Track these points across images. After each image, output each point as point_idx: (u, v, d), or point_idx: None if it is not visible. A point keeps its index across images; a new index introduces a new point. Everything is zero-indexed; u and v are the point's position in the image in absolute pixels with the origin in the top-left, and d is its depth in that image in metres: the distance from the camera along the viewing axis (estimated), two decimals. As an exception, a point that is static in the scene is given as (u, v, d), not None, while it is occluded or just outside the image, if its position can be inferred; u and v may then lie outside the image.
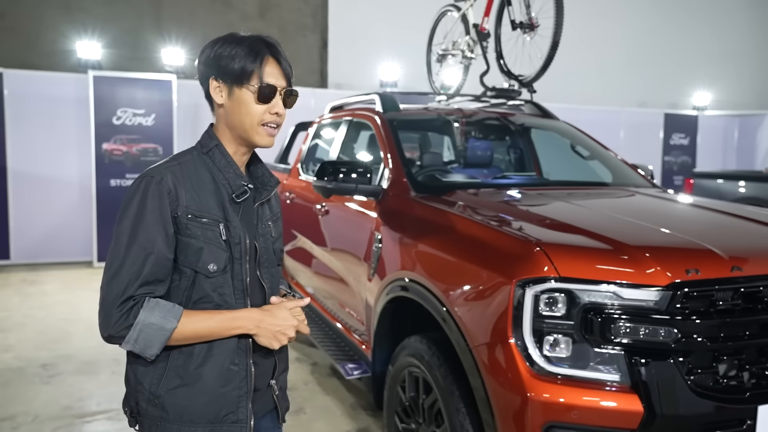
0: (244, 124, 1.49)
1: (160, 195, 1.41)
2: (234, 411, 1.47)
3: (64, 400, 3.73)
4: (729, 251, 1.95)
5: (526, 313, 1.88)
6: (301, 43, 11.00)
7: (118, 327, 1.35)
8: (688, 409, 1.78)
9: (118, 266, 1.38)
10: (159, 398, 1.42)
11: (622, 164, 3.64)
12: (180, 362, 1.43)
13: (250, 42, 1.48)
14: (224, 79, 1.47)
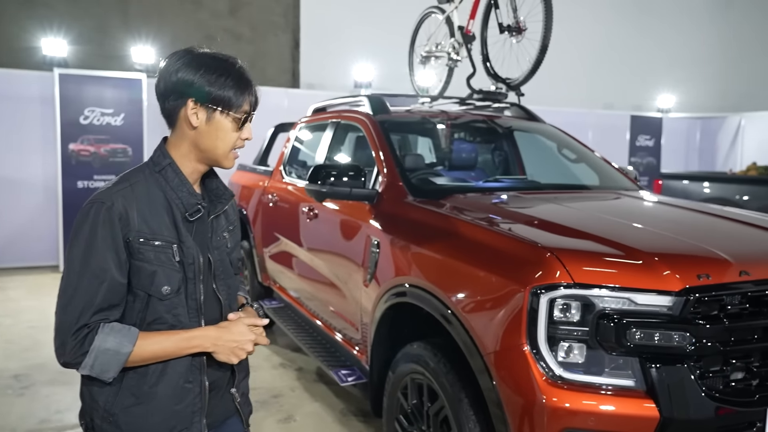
0: (218, 149, 1.50)
1: (111, 221, 1.40)
2: (188, 427, 1.50)
3: (41, 413, 3.58)
4: (736, 256, 1.98)
5: (540, 320, 1.88)
6: (273, 42, 10.87)
7: (74, 354, 1.37)
8: (703, 413, 1.79)
9: (71, 294, 1.38)
10: (114, 416, 1.44)
11: (610, 167, 3.68)
12: (134, 381, 1.45)
13: (236, 73, 1.48)
14: (207, 105, 1.46)
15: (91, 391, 1.47)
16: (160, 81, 1.49)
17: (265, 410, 3.66)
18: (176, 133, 1.51)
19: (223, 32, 10.43)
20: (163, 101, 1.50)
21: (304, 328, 4.01)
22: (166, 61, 1.50)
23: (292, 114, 8.86)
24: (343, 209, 3.27)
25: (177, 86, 1.45)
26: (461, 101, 4.14)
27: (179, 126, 1.50)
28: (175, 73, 1.45)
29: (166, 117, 1.52)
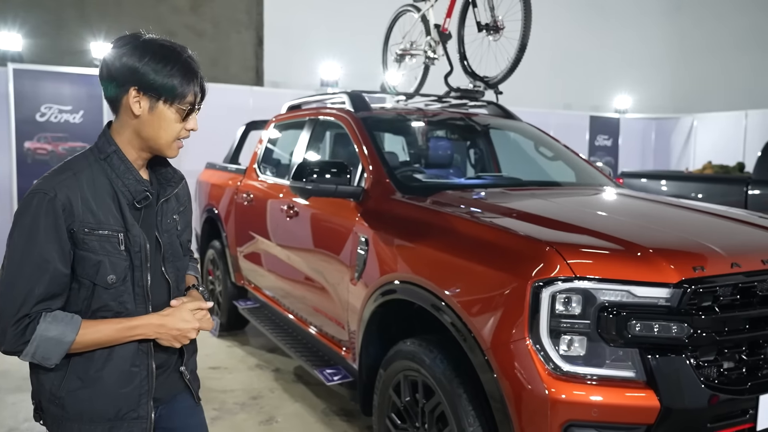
0: (160, 139, 1.49)
1: (54, 212, 1.39)
2: (135, 408, 1.52)
3: (8, 421, 3.42)
4: (727, 249, 2.04)
5: (542, 313, 1.89)
6: (236, 39, 10.70)
7: (15, 343, 1.38)
8: (701, 402, 1.84)
9: (12, 283, 1.38)
10: (59, 399, 1.47)
11: (586, 164, 3.76)
12: (80, 366, 1.47)
13: (183, 63, 1.46)
14: (150, 94, 1.44)
15: (37, 375, 1.49)
16: (104, 66, 1.46)
17: (245, 412, 3.60)
18: (119, 120, 1.49)
19: (185, 28, 10.21)
20: (106, 87, 1.47)
21: (282, 328, 3.96)
22: (112, 45, 1.47)
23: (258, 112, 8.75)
24: (326, 207, 3.23)
25: (121, 72, 1.43)
26: (438, 99, 4.16)
27: (122, 113, 1.48)
28: (119, 58, 1.43)
29: (110, 103, 1.50)
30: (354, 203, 3.01)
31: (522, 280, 1.93)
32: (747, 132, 11.34)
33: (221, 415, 3.56)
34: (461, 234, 2.31)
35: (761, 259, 2.06)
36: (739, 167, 8.53)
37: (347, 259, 2.93)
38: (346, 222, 2.99)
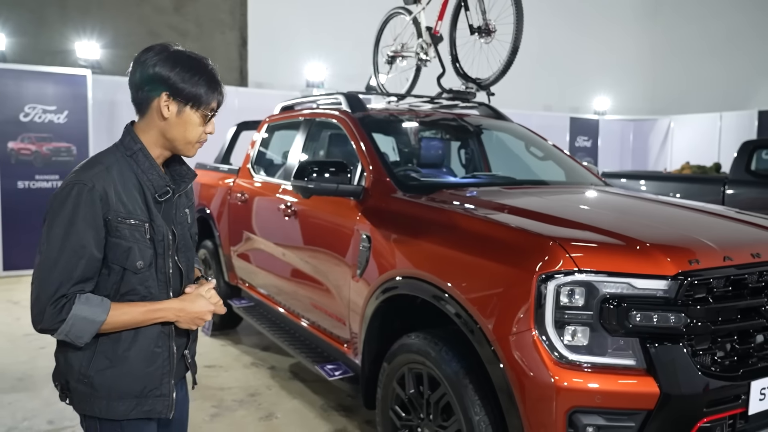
0: (185, 139, 1.63)
1: (93, 201, 1.51)
2: (158, 386, 1.64)
3: (6, 421, 3.42)
4: (720, 244, 2.15)
5: (548, 305, 1.98)
6: (219, 40, 10.68)
7: (51, 322, 1.48)
8: (697, 388, 1.94)
9: (51, 268, 1.49)
10: (89, 378, 1.57)
11: (576, 164, 3.87)
12: (108, 346, 1.57)
13: (209, 73, 1.61)
14: (179, 99, 1.58)
15: (66, 356, 1.58)
16: (136, 71, 1.59)
17: (244, 409, 3.64)
18: (146, 120, 1.63)
19: (168, 28, 10.17)
20: (136, 91, 1.60)
21: (279, 325, 4.00)
22: (142, 54, 1.60)
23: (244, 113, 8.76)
24: (326, 206, 3.29)
25: (153, 78, 1.56)
26: (430, 100, 4.24)
27: (150, 114, 1.61)
28: (152, 66, 1.56)
29: (137, 105, 1.63)
30: (354, 202, 3.07)
31: (528, 273, 2.02)
32: (722, 133, 11.65)
33: (221, 412, 3.60)
34: (466, 230, 2.39)
35: (751, 253, 2.18)
36: (715, 168, 8.78)
37: (349, 257, 3.00)
38: (347, 220, 3.05)
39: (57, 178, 7.49)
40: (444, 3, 4.32)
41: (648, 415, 1.93)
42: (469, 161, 4.13)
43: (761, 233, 2.41)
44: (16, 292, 6.48)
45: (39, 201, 7.37)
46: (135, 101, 1.63)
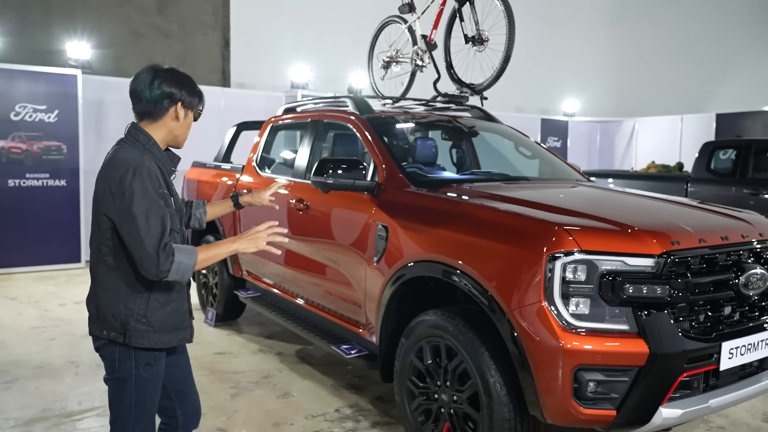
0: (184, 135, 2.16)
1: (151, 177, 1.97)
2: (185, 320, 2.15)
3: (38, 403, 3.63)
4: (695, 228, 2.55)
5: (555, 281, 2.34)
6: (202, 40, 10.83)
7: (165, 264, 1.90)
8: (679, 348, 2.33)
9: (149, 225, 1.90)
10: (146, 317, 2.01)
11: (562, 162, 4.26)
12: (159, 293, 2.03)
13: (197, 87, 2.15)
14: (188, 106, 2.11)
15: (126, 304, 1.99)
16: (145, 89, 2.04)
17: (261, 389, 3.92)
18: (158, 123, 2.09)
19: (151, 29, 10.29)
20: (153, 104, 2.05)
21: (289, 313, 4.29)
22: (145, 75, 2.05)
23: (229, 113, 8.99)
24: (339, 200, 3.59)
25: (171, 95, 2.05)
26: (425, 103, 4.58)
27: (164, 119, 2.08)
28: (159, 86, 2.04)
29: (148, 113, 2.07)
30: (368, 196, 3.39)
31: (538, 254, 2.38)
32: (683, 135, 12.31)
33: (239, 392, 3.87)
34: (481, 218, 2.74)
35: (720, 236, 2.58)
36: (678, 167, 9.36)
37: (365, 246, 3.31)
38: (363, 212, 3.37)
39: (47, 176, 7.60)
40: (439, 13, 4.67)
41: (639, 371, 2.31)
42: (466, 160, 4.48)
43: (728, 220, 2.83)
44: (12, 289, 6.59)
45: (29, 199, 7.47)
46: (145, 110, 2.06)
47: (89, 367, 4.26)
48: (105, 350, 2.04)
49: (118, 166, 1.95)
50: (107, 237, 1.99)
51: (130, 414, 2.03)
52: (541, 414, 2.41)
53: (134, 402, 2.02)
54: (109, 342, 2.02)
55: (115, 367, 2.02)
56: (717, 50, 13.10)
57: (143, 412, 2.05)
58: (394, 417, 3.52)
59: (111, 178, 1.95)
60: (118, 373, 2.02)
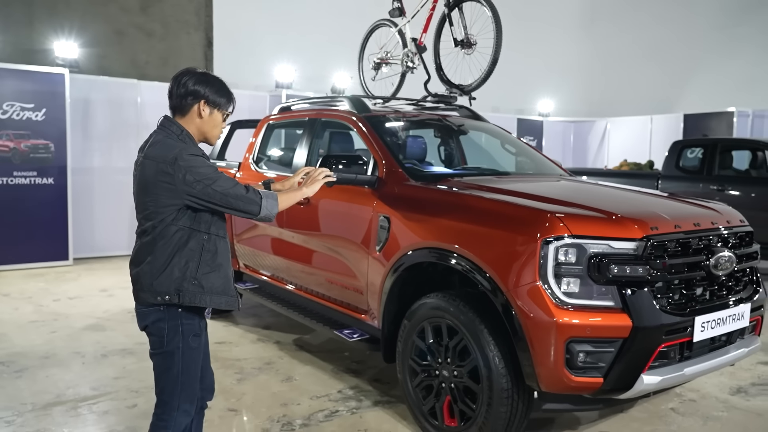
0: (214, 131, 2.39)
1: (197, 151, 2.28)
2: (231, 287, 2.37)
3: (52, 389, 3.78)
4: (671, 216, 2.85)
5: (549, 262, 2.61)
6: (185, 40, 10.92)
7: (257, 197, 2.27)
8: (658, 321, 2.62)
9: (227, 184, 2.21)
10: (197, 280, 2.23)
11: (546, 158, 4.56)
12: (209, 258, 2.26)
13: (226, 88, 2.38)
14: (212, 105, 2.33)
15: (180, 268, 2.21)
16: (179, 86, 2.30)
17: (264, 374, 4.12)
18: (186, 118, 2.32)
19: (134, 28, 10.35)
20: (180, 99, 2.30)
21: (289, 302, 4.49)
22: (181, 75, 2.32)
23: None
24: (341, 194, 3.81)
25: (195, 92, 2.28)
26: (415, 103, 4.83)
27: (190, 114, 2.32)
28: (185, 83, 2.29)
29: (177, 108, 2.32)
30: (369, 189, 3.62)
31: (533, 239, 2.64)
32: (652, 134, 12.81)
33: (245, 376, 4.07)
34: (481, 208, 3.00)
35: (693, 223, 2.89)
36: (649, 165, 9.78)
37: (367, 236, 3.54)
38: (365, 205, 3.60)
39: (35, 174, 7.65)
40: (428, 18, 4.92)
41: (623, 342, 2.59)
42: (455, 156, 4.74)
43: (699, 209, 3.14)
44: (3, 286, 6.65)
45: (17, 197, 7.52)
46: (176, 105, 2.32)
47: (94, 357, 4.40)
48: (153, 327, 2.25)
49: (166, 150, 2.20)
50: (161, 214, 2.19)
51: (177, 383, 2.25)
52: (537, 383, 2.67)
53: (181, 372, 2.24)
54: (158, 320, 2.23)
55: (164, 342, 2.24)
56: (684, 53, 13.64)
57: (189, 380, 2.27)
58: (393, 396, 3.76)
59: (163, 160, 2.17)
60: (167, 347, 2.24)
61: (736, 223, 3.15)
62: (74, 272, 7.48)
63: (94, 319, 5.37)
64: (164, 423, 2.26)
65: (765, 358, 4.61)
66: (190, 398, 2.30)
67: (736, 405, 3.73)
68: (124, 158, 8.65)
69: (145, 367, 4.21)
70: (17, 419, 3.36)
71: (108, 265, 7.96)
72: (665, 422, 3.47)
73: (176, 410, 2.26)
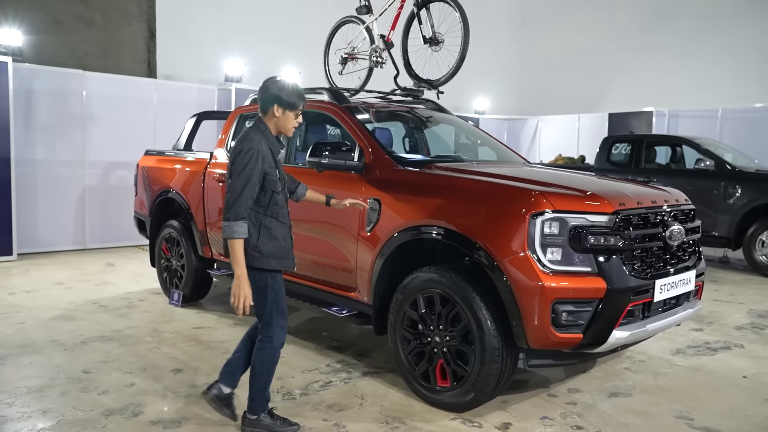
0: (287, 127, 2.99)
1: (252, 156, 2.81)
2: (289, 254, 3.02)
3: (41, 374, 3.80)
4: (633, 194, 3.30)
5: (536, 234, 2.98)
6: (126, 31, 10.70)
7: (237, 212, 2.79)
8: (627, 284, 3.04)
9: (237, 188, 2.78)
10: (258, 248, 2.89)
11: (508, 149, 4.97)
12: (266, 232, 2.90)
13: (297, 90, 2.95)
14: (284, 107, 2.92)
15: (248, 239, 2.84)
16: (263, 92, 2.94)
17: (251, 354, 4.29)
18: (267, 116, 2.96)
19: (73, 17, 10.06)
20: (262, 102, 2.94)
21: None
22: (265, 83, 2.96)
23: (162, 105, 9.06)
24: (326, 180, 4.04)
25: (273, 96, 2.91)
26: (383, 96, 5.12)
27: (269, 114, 2.95)
28: (272, 89, 2.92)
29: (262, 109, 2.96)
30: (357, 175, 3.88)
31: (522, 214, 3.00)
32: (580, 132, 13.68)
33: (233, 356, 4.22)
34: (471, 189, 3.33)
35: (650, 200, 3.34)
36: (581, 159, 10.51)
37: (357, 218, 3.80)
38: (353, 189, 3.84)
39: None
40: (396, 16, 5.22)
41: (599, 302, 2.99)
42: (423, 145, 5.07)
43: (654, 190, 3.61)
44: (-51, 281, 6.41)
45: (-42, 190, 7.22)
46: (261, 107, 2.96)
47: (74, 344, 4.42)
48: (248, 273, 2.84)
49: (239, 141, 2.87)
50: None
51: (271, 309, 2.97)
52: (525, 341, 3.03)
53: (271, 301, 2.96)
54: (249, 268, 2.85)
55: (256, 283, 2.90)
56: (608, 57, 14.64)
57: (278, 306, 2.98)
58: (379, 367, 4.04)
59: (233, 148, 2.85)
60: (258, 285, 2.91)
61: (683, 202, 3.65)
62: (21, 267, 7.26)
63: (60, 311, 5.33)
64: (269, 338, 2.99)
65: (695, 325, 5.23)
66: (283, 318, 3.01)
67: (678, 363, 4.27)
68: (69, 151, 8.46)
69: (130, 351, 4.29)
70: (17, 401, 3.40)
71: (55, 259, 7.77)
72: (622, 378, 3.94)
73: (275, 327, 2.98)
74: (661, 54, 13.68)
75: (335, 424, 3.20)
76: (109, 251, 8.58)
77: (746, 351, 4.56)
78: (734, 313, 5.69)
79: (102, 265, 7.45)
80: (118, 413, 3.27)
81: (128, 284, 6.49)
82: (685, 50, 13.39)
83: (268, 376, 3.05)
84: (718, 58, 12.80)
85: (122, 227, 8.68)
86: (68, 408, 3.33)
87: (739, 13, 12.66)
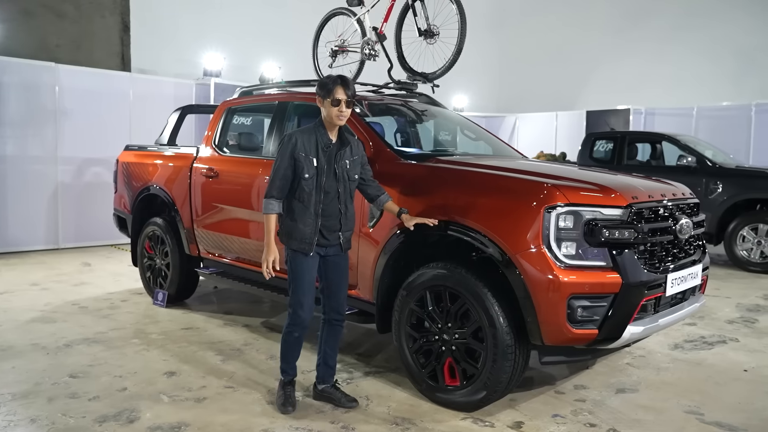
0: (328, 116, 3.17)
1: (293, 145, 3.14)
2: (307, 237, 3.16)
3: (25, 379, 3.59)
4: (644, 188, 3.25)
5: (551, 228, 2.91)
6: (100, 23, 10.36)
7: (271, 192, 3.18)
8: (642, 278, 2.99)
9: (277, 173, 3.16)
10: (284, 228, 3.20)
11: (503, 142, 4.90)
12: (289, 217, 3.18)
13: (332, 81, 3.15)
14: (322, 97, 3.16)
15: (279, 220, 3.20)
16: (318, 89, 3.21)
17: (246, 354, 4.15)
18: (322, 110, 3.18)
19: (44, 8, 9.69)
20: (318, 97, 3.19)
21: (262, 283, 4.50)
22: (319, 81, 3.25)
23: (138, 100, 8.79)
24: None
25: (317, 92, 3.20)
26: (376, 89, 5.00)
27: (321, 108, 3.18)
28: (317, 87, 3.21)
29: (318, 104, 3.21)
30: (357, 169, 3.76)
31: (537, 208, 2.93)
32: (558, 129, 13.77)
33: (227, 357, 4.08)
34: (482, 183, 3.24)
35: (660, 194, 3.30)
36: (562, 156, 10.55)
37: (358, 214, 3.68)
38: (354, 183, 3.72)
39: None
40: (389, 8, 5.11)
41: (614, 296, 2.93)
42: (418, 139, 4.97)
43: (660, 184, 3.58)
44: None
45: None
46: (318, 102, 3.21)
47: (57, 347, 4.21)
48: (284, 252, 3.23)
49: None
50: None
51: (292, 286, 3.23)
52: (540, 338, 2.96)
53: (291, 279, 3.24)
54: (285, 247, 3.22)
55: (286, 257, 3.24)
56: (584, 55, 14.77)
57: (296, 285, 3.21)
58: (380, 367, 3.94)
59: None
60: (286, 259, 3.24)
61: (688, 196, 3.63)
62: (-7, 267, 6.95)
63: (38, 312, 5.09)
64: (293, 310, 3.23)
65: (688, 320, 5.25)
66: (302, 297, 3.20)
67: (678, 357, 4.26)
68: (41, 147, 8.14)
69: (118, 354, 4.10)
70: (2, 408, 3.20)
71: (28, 260, 7.46)
72: (626, 374, 3.91)
73: (293, 304, 3.22)
74: (638, 52, 13.85)
75: (344, 427, 3.08)
76: (84, 251, 8.28)
77: (742, 345, 4.59)
78: (723, 308, 5.73)
79: (78, 265, 7.18)
80: (112, 419, 3.10)
81: (108, 284, 6.26)
82: (661, 49, 13.58)
83: (285, 348, 3.35)
84: (694, 56, 13.01)
85: (97, 226, 8.40)
86: (58, 415, 3.14)
87: (713, 13, 12.89)
